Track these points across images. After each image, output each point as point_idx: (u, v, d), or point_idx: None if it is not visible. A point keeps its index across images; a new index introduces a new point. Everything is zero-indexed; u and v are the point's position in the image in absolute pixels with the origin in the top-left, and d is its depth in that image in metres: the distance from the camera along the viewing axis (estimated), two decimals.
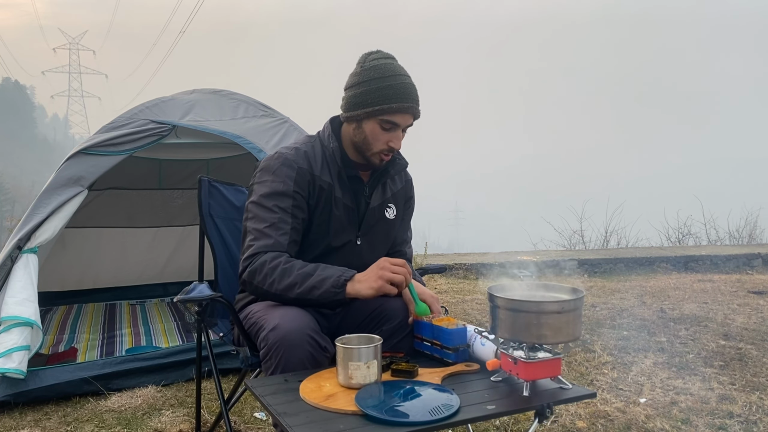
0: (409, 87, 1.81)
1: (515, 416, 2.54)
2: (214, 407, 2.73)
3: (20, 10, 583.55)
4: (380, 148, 1.85)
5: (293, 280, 1.70)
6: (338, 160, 1.89)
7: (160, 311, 4.56)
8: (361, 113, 1.81)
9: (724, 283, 5.88)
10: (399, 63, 1.86)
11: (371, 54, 1.87)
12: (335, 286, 1.68)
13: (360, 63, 1.86)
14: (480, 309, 4.65)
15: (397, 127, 1.82)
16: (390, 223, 2.02)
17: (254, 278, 1.75)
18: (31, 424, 2.59)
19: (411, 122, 1.86)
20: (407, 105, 1.80)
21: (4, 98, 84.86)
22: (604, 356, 3.43)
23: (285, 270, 1.72)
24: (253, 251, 1.78)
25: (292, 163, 1.86)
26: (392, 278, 1.68)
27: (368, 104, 1.80)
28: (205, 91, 3.88)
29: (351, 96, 1.84)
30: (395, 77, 1.80)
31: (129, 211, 5.07)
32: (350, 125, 1.88)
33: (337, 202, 1.89)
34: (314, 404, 1.40)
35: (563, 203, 11.39)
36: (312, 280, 1.69)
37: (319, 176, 1.87)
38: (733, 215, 10.68)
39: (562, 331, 1.46)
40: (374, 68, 1.81)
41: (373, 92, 1.79)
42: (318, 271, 1.71)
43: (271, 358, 1.64)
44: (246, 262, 1.79)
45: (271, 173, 1.86)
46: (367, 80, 1.80)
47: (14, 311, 2.75)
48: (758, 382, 3.02)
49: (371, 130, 1.82)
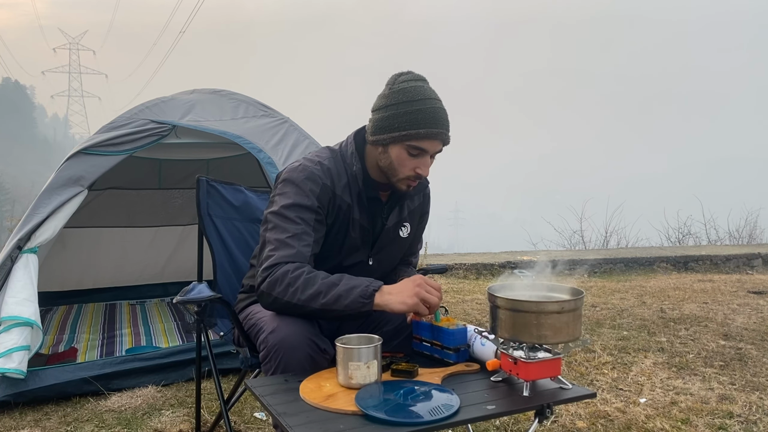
0: (440, 112, 1.73)
1: (515, 416, 2.54)
2: (214, 407, 2.73)
3: (20, 10, 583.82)
4: (407, 174, 1.77)
5: (317, 289, 1.62)
6: (360, 183, 1.84)
7: (160, 311, 4.55)
8: (388, 137, 1.74)
9: (724, 283, 5.88)
10: (430, 86, 1.78)
11: (401, 75, 1.79)
12: (363, 296, 1.60)
13: (389, 84, 1.79)
14: (480, 309, 4.65)
15: (425, 153, 1.75)
16: (403, 242, 1.99)
17: (274, 289, 1.65)
18: (31, 424, 2.59)
19: (440, 149, 1.78)
20: (436, 131, 1.72)
21: (4, 98, 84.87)
22: (604, 356, 3.43)
23: (308, 280, 1.63)
24: (274, 261, 1.68)
25: (317, 178, 1.79)
26: (427, 298, 1.62)
27: (395, 129, 1.72)
28: (205, 91, 3.88)
29: (378, 119, 1.77)
30: (425, 101, 1.72)
31: (129, 210, 5.07)
32: (377, 148, 1.80)
33: (354, 223, 1.85)
34: (314, 404, 1.40)
35: (563, 203, 11.39)
36: (338, 290, 1.61)
37: (340, 195, 1.82)
38: (733, 215, 10.71)
39: (562, 331, 1.46)
40: (403, 91, 1.73)
41: (401, 116, 1.71)
42: (344, 280, 1.64)
43: (270, 361, 1.63)
44: (265, 273, 1.68)
45: (295, 185, 1.78)
46: (395, 103, 1.73)
47: (14, 311, 2.75)
48: (758, 382, 3.02)
49: (398, 155, 1.75)
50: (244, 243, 2.32)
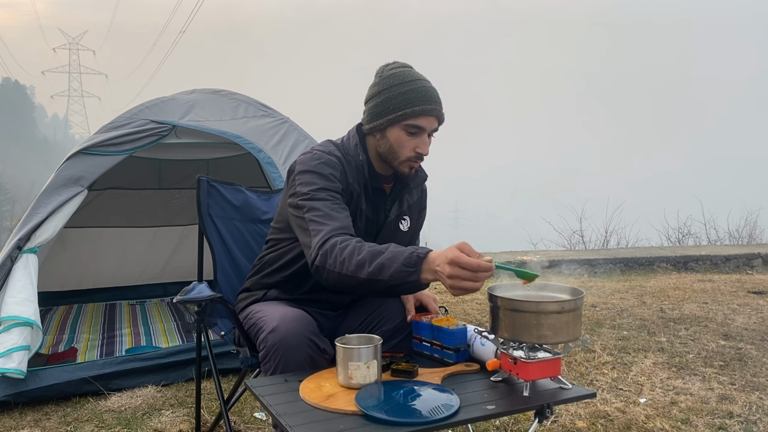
0: (431, 90, 1.78)
1: (515, 416, 2.54)
2: (214, 407, 2.73)
3: (20, 10, 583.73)
4: (407, 156, 1.79)
5: (363, 258, 1.51)
6: (366, 173, 1.85)
7: (159, 311, 4.56)
8: (384, 121, 1.77)
9: (724, 283, 5.88)
10: (416, 70, 1.83)
11: (388, 65, 1.84)
12: (407, 264, 1.45)
13: (378, 74, 1.83)
14: (480, 309, 4.65)
15: (423, 131, 1.78)
16: (403, 235, 2.00)
17: (326, 261, 1.57)
18: (31, 424, 2.59)
19: (436, 126, 1.81)
20: (430, 107, 1.76)
21: (4, 98, 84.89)
22: (604, 356, 3.43)
23: (355, 249, 1.54)
24: (323, 236, 1.61)
25: (335, 164, 1.79)
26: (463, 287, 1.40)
27: (391, 111, 1.76)
28: (205, 91, 3.89)
29: (372, 106, 1.81)
30: (415, 81, 1.77)
31: (129, 211, 5.07)
32: (374, 136, 1.83)
33: (360, 214, 1.86)
34: (314, 404, 1.40)
35: (563, 203, 11.39)
36: (383, 257, 1.49)
37: (351, 183, 1.83)
38: (733, 215, 10.69)
39: (562, 331, 1.46)
40: (393, 76, 1.79)
41: (395, 98, 1.75)
42: (391, 248, 1.52)
43: (270, 360, 1.63)
44: (317, 250, 1.60)
45: (315, 173, 1.76)
46: (387, 88, 1.77)
47: (14, 311, 2.75)
48: (758, 382, 3.02)
49: (396, 137, 1.78)
50: (245, 243, 2.32)
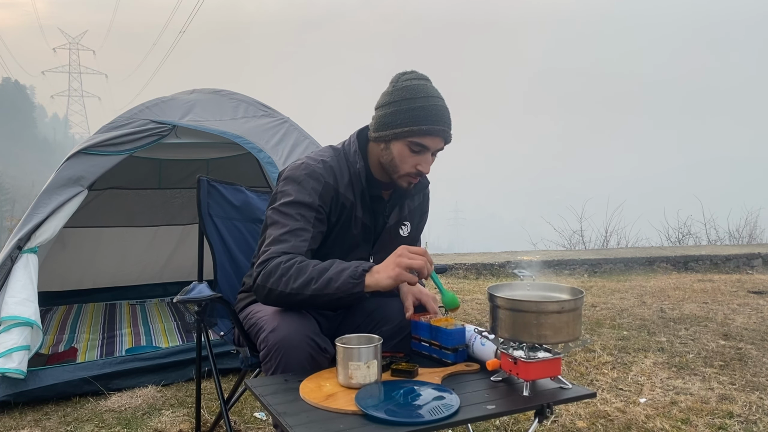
0: (442, 110, 1.75)
1: (515, 416, 2.54)
2: (214, 407, 2.73)
3: (20, 10, 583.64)
4: (407, 171, 1.79)
5: (309, 276, 1.61)
6: (363, 181, 1.85)
7: (160, 311, 4.56)
8: (390, 134, 1.76)
9: (724, 283, 5.88)
10: (433, 85, 1.81)
11: (405, 74, 1.81)
12: (353, 276, 1.58)
13: (393, 83, 1.81)
14: (480, 309, 4.65)
15: (427, 150, 1.76)
16: (403, 241, 1.99)
17: (268, 281, 1.65)
18: (31, 424, 2.59)
19: (442, 146, 1.79)
20: (438, 128, 1.74)
21: (4, 98, 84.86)
22: (604, 356, 3.43)
23: (300, 268, 1.63)
24: (268, 256, 1.70)
25: (319, 176, 1.80)
26: (411, 264, 1.58)
27: (398, 125, 1.74)
28: (205, 91, 3.88)
29: (381, 116, 1.79)
30: (427, 99, 1.74)
31: (129, 210, 5.07)
32: (378, 145, 1.83)
33: (356, 221, 1.86)
34: (314, 404, 1.40)
35: (563, 203, 11.39)
36: (329, 273, 1.60)
37: (343, 194, 1.83)
38: (733, 215, 10.71)
39: (562, 331, 1.46)
40: (406, 89, 1.76)
41: (404, 113, 1.73)
42: (335, 264, 1.63)
43: (270, 360, 1.63)
44: (260, 267, 1.69)
45: (297, 183, 1.79)
46: (398, 100, 1.75)
47: (14, 311, 2.75)
48: (758, 382, 3.02)
49: (399, 151, 1.77)
50: (245, 243, 2.32)
